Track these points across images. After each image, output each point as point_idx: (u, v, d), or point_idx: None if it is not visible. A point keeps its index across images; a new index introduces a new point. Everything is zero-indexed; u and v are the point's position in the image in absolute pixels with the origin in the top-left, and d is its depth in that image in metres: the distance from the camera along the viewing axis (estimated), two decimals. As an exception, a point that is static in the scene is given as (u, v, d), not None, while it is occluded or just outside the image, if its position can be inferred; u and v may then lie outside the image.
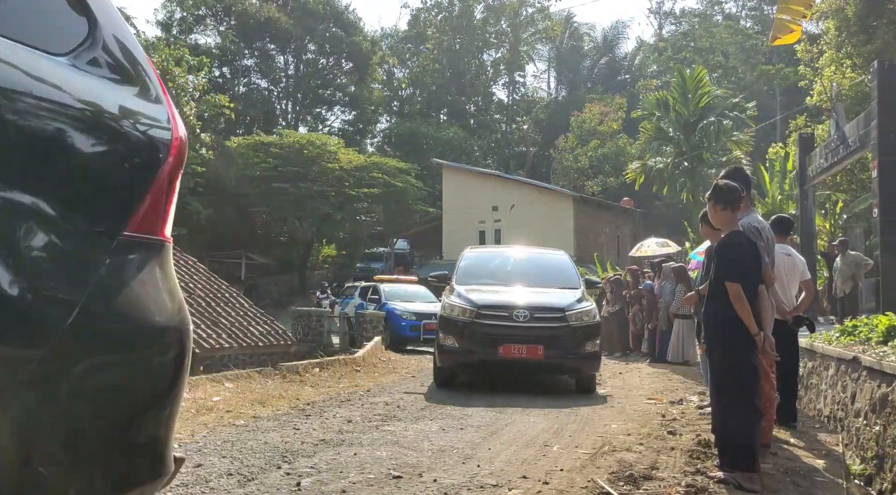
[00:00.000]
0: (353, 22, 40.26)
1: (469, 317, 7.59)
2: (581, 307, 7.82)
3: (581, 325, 7.60)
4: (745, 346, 3.94)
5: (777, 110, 31.71)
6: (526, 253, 10.04)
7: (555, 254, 9.81)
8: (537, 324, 7.45)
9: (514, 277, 8.65)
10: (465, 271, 8.76)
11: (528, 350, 7.37)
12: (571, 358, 7.55)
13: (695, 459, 4.30)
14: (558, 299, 7.92)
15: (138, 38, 27.22)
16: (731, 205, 4.11)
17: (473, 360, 7.62)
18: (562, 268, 9.04)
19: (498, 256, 9.97)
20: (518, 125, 46.43)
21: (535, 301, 7.82)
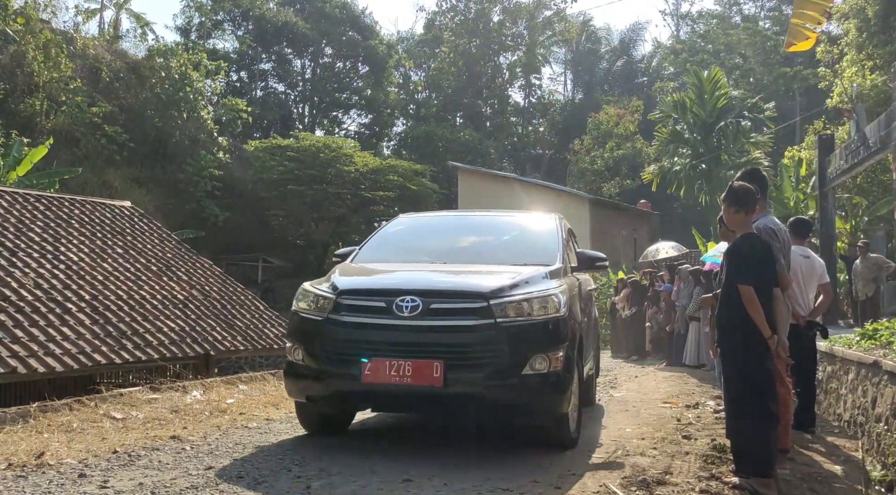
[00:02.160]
0: (370, 26, 40.39)
1: (323, 311, 4.45)
2: (526, 292, 4.44)
3: (521, 325, 4.28)
4: (759, 350, 3.88)
5: (797, 112, 31.36)
6: (488, 219, 6.61)
7: (533, 220, 6.41)
8: (435, 321, 4.25)
9: (453, 252, 5.54)
10: (377, 243, 5.71)
11: (416, 370, 4.11)
12: (500, 385, 4.14)
13: (710, 464, 4.24)
14: (484, 280, 4.59)
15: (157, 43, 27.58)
16: (745, 208, 4.06)
17: (324, 391, 4.42)
18: (537, 240, 5.73)
19: (441, 223, 6.45)
20: (534, 127, 46.32)
21: (441, 282, 4.72)
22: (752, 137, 23.86)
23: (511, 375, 4.17)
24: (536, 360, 4.21)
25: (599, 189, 32.12)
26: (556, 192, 27.36)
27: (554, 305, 4.40)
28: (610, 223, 26.92)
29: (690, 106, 23.13)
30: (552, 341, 4.32)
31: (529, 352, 4.22)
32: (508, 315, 4.26)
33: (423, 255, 5.49)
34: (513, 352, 4.19)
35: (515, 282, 4.50)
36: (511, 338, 4.21)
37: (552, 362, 4.24)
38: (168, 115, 23.87)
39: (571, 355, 4.48)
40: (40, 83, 20.94)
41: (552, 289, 4.54)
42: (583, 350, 5.17)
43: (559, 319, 4.39)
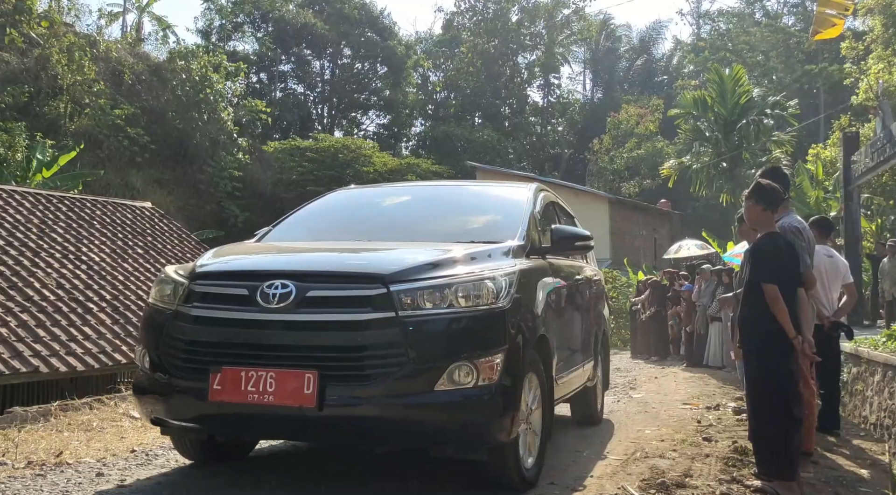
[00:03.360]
0: (388, 26, 40.47)
1: (172, 301, 3.44)
2: (448, 275, 3.33)
3: (436, 320, 3.21)
4: (782, 350, 3.80)
5: (821, 109, 30.89)
6: (446, 190, 5.54)
7: (500, 192, 5.21)
8: (312, 315, 3.19)
9: (388, 228, 4.41)
10: (300, 218, 4.67)
11: (280, 384, 3.08)
12: (401, 405, 3.09)
13: (731, 467, 4.16)
14: (390, 258, 3.54)
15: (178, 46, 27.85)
16: (772, 206, 3.99)
17: (166, 412, 3.36)
18: (496, 213, 4.54)
19: (388, 195, 5.28)
20: (553, 127, 46.11)
21: (326, 262, 3.61)
22: (775, 136, 23.53)
23: (419, 391, 3.03)
24: (458, 370, 3.07)
25: (619, 189, 31.91)
26: (574, 192, 27.19)
27: (488, 293, 3.22)
28: (630, 223, 26.72)
29: (712, 104, 22.86)
30: (483, 343, 3.17)
31: (447, 358, 3.09)
32: (418, 306, 3.12)
33: (347, 232, 4.30)
34: (422, 359, 3.05)
35: (436, 262, 3.35)
36: (420, 338, 3.09)
37: (482, 372, 3.10)
38: (189, 117, 24.10)
39: (519, 362, 3.30)
40: (64, 86, 21.25)
41: (490, 271, 3.34)
42: (551, 355, 3.84)
43: (496, 312, 3.22)
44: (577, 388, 4.90)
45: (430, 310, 3.16)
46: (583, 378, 4.98)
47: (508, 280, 3.39)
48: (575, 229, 4.59)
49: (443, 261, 3.41)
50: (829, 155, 19.16)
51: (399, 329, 3.09)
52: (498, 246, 3.77)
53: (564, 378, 4.32)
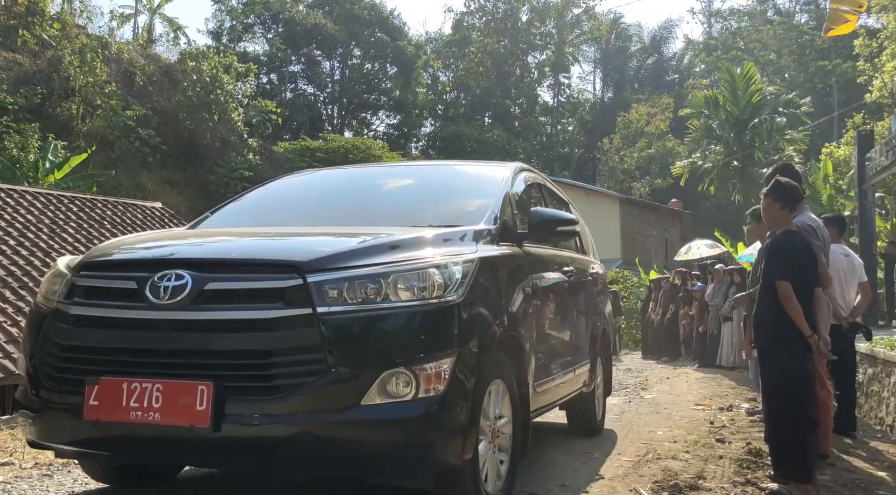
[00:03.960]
0: (398, 27, 40.48)
1: (53, 298, 2.89)
2: (385, 262, 2.73)
3: (365, 317, 2.63)
4: (797, 350, 3.73)
5: (834, 108, 30.61)
6: (416, 170, 4.99)
7: (476, 171, 4.47)
8: (210, 312, 2.62)
9: (338, 212, 3.83)
10: (247, 202, 4.17)
11: (168, 399, 2.52)
12: (320, 425, 2.53)
13: (745, 469, 4.09)
14: (312, 244, 2.97)
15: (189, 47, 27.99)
16: (791, 205, 3.94)
17: (39, 432, 2.81)
18: (465, 195, 3.89)
19: (350, 176, 4.72)
20: (563, 127, 45.97)
21: (232, 249, 3.08)
22: (788, 134, 23.32)
23: (342, 406, 2.49)
24: (393, 379, 2.53)
25: (630, 188, 31.75)
26: (585, 192, 27.09)
27: (435, 284, 2.66)
28: (641, 223, 26.57)
29: (723, 102, 22.69)
30: (427, 345, 2.61)
31: (380, 364, 2.54)
32: (343, 300, 2.56)
33: (293, 217, 3.75)
34: (347, 366, 2.51)
35: (371, 247, 2.78)
36: (345, 340, 2.54)
37: (424, 381, 2.55)
38: (199, 118, 24.18)
39: (476, 368, 2.74)
40: (76, 87, 21.37)
41: (440, 257, 2.79)
42: (526, 359, 3.29)
43: (445, 308, 2.66)
44: (568, 395, 4.35)
45: (357, 306, 2.57)
46: (575, 383, 4.41)
47: (464, 268, 2.79)
48: (556, 212, 3.84)
49: (379, 245, 2.81)
50: (843, 153, 18.97)
51: (317, 329, 2.51)
52: (458, 229, 3.14)
53: (547, 384, 3.73)
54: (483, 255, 3.01)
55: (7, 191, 10.65)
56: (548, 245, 4.00)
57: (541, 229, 3.60)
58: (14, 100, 19.22)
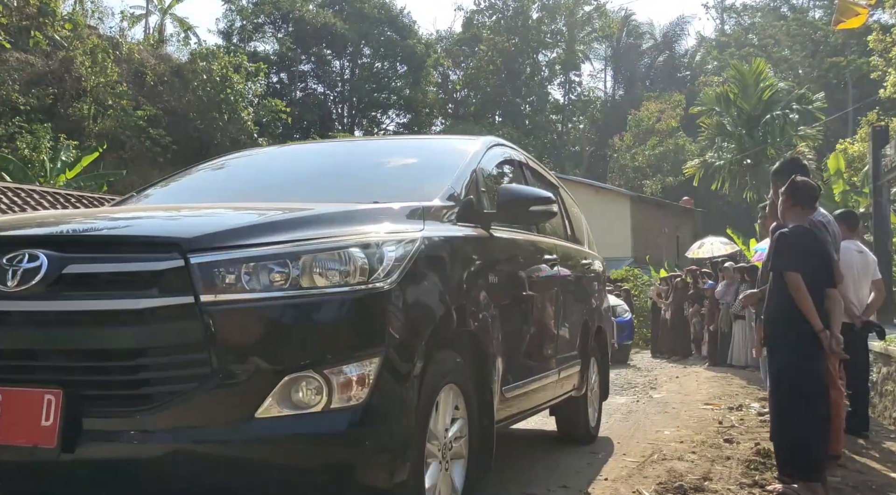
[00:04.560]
0: (408, 25, 40.48)
1: None
2: (294, 238, 2.19)
3: (263, 308, 2.09)
4: (808, 347, 3.64)
5: (848, 103, 30.26)
6: (377, 145, 4.80)
7: (442, 146, 4.10)
8: (69, 301, 2.06)
9: (282, 188, 3.35)
10: (193, 178, 3.69)
11: (6, 408, 2.00)
12: (202, 444, 2.02)
13: (752, 470, 4.00)
14: (200, 218, 2.55)
15: (199, 47, 28.11)
16: (808, 205, 3.88)
17: None
18: (425, 170, 3.43)
19: (306, 152, 4.29)
20: (574, 125, 45.79)
21: (103, 226, 2.55)
22: (801, 130, 23.06)
23: (232, 420, 2.03)
24: (297, 385, 2.06)
25: (641, 186, 31.56)
26: (595, 190, 26.98)
27: (357, 267, 2.16)
28: (652, 221, 26.40)
29: (734, 99, 22.46)
30: (345, 343, 2.14)
31: (281, 367, 2.06)
32: (236, 287, 2.05)
33: (222, 194, 3.33)
34: (238, 369, 2.03)
35: (279, 222, 2.30)
36: (236, 337, 2.06)
37: (340, 388, 2.07)
38: (210, 117, 24.28)
39: (414, 371, 2.26)
40: (88, 88, 21.52)
41: (371, 236, 2.29)
42: (490, 360, 2.82)
43: (370, 296, 2.17)
44: (552, 400, 3.97)
45: (255, 294, 2.06)
46: (561, 387, 3.99)
47: (400, 250, 2.30)
48: (528, 189, 3.33)
49: (290, 220, 2.31)
50: (857, 149, 18.73)
51: (201, 323, 2.00)
52: (401, 204, 2.62)
53: (521, 389, 3.27)
54: (430, 236, 2.51)
55: (15, 189, 10.71)
56: (524, 229, 3.55)
57: (510, 209, 3.08)
58: (26, 100, 19.37)
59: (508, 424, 3.30)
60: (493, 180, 3.40)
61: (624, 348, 11.96)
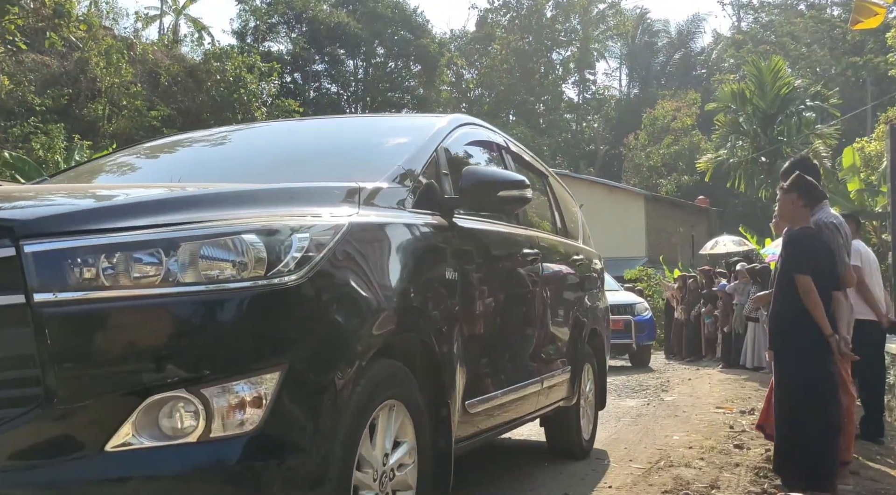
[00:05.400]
0: (422, 24, 40.43)
1: None
2: (170, 220, 1.77)
3: (116, 309, 1.65)
4: (817, 349, 3.57)
5: (867, 102, 29.84)
6: (331, 123, 4.16)
7: (403, 122, 4.01)
8: None
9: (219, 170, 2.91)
10: (124, 157, 3.38)
11: None
12: (34, 482, 1.60)
13: (761, 478, 3.91)
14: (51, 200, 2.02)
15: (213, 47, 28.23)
16: (813, 202, 3.82)
17: None
18: (377, 149, 2.93)
19: (257, 134, 3.77)
20: (588, 123, 45.55)
21: None
22: (817, 128, 22.74)
23: (73, 454, 1.61)
24: (164, 409, 1.67)
25: (656, 185, 31.32)
26: (610, 189, 26.82)
27: (253, 258, 1.75)
28: (666, 220, 26.18)
29: (750, 96, 22.19)
30: (232, 353, 1.72)
31: (140, 384, 1.65)
32: (87, 282, 1.64)
33: (147, 175, 2.97)
34: (83, 387, 1.62)
35: (150, 203, 1.89)
36: (81, 347, 1.64)
37: (225, 412, 1.67)
38: (223, 117, 24.31)
39: (329, 388, 1.83)
40: (103, 88, 21.66)
41: (269, 219, 1.86)
42: (449, 370, 2.46)
43: (265, 294, 1.75)
44: (536, 412, 3.61)
45: (110, 292, 1.64)
46: (546, 397, 3.60)
47: (316, 238, 1.88)
48: (496, 171, 2.96)
49: (172, 201, 1.92)
50: (875, 148, 18.43)
51: (33, 328, 1.60)
52: (333, 185, 2.21)
53: (491, 402, 2.87)
54: (362, 222, 2.10)
55: (28, 190, 10.77)
56: (500, 219, 3.14)
57: (475, 194, 2.65)
58: (41, 101, 19.52)
59: (476, 443, 2.90)
60: (461, 163, 2.96)
61: (644, 349, 11.62)
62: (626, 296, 11.95)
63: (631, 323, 10.86)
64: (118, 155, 3.39)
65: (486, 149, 3.46)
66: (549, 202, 4.29)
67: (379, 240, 2.19)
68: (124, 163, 3.20)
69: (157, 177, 2.79)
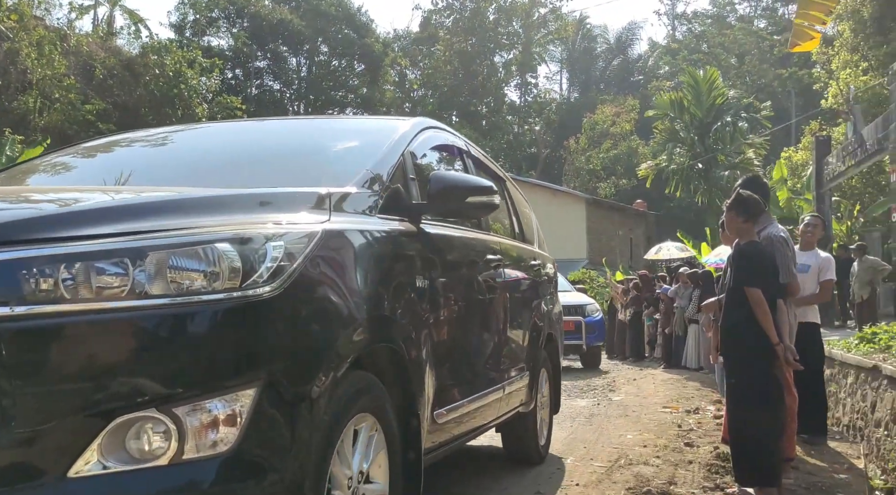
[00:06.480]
0: (366, 24, 40.33)
1: None
2: (140, 227, 1.69)
3: (81, 323, 1.55)
4: (764, 356, 3.85)
5: (793, 113, 31.46)
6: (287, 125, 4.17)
7: (366, 124, 4.02)
8: None
9: (167, 173, 2.72)
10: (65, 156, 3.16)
11: None
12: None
13: (714, 474, 4.20)
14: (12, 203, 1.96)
15: (151, 40, 27.46)
16: (751, 217, 4.04)
17: None
18: (341, 151, 2.96)
19: (216, 133, 3.71)
20: (530, 126, 46.32)
21: None
22: (749, 138, 23.90)
23: (33, 481, 1.52)
24: (133, 430, 1.58)
25: (595, 189, 32.16)
26: (552, 192, 27.40)
27: (225, 268, 1.66)
28: (606, 223, 26.95)
29: (688, 105, 23.15)
30: (204, 369, 1.63)
31: (107, 404, 1.55)
32: (45, 294, 1.55)
33: (112, 178, 2.64)
34: (41, 408, 1.52)
35: (113, 209, 1.83)
36: (38, 364, 1.54)
37: (198, 432, 1.60)
38: (163, 113, 23.73)
39: (304, 404, 1.77)
40: (34, 80, 20.81)
41: (242, 227, 1.78)
42: (417, 379, 2.41)
43: (239, 307, 1.67)
44: (496, 420, 3.58)
45: (65, 306, 1.55)
46: (506, 403, 3.59)
47: (289, 245, 1.80)
48: (465, 177, 2.88)
49: (138, 207, 1.84)
50: (801, 157, 19.52)
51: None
52: (304, 190, 2.14)
53: (458, 411, 2.85)
54: (336, 229, 2.05)
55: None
56: (463, 224, 3.14)
57: (444, 200, 2.61)
58: (-32, 93, 18.67)
59: (443, 453, 2.86)
60: (426, 168, 2.96)
61: (594, 350, 11.54)
62: (577, 298, 11.95)
63: (581, 324, 10.95)
64: (58, 154, 3.15)
65: (449, 154, 3.44)
66: (508, 207, 4.28)
67: (351, 248, 2.11)
68: (67, 164, 2.99)
69: (106, 180, 2.62)
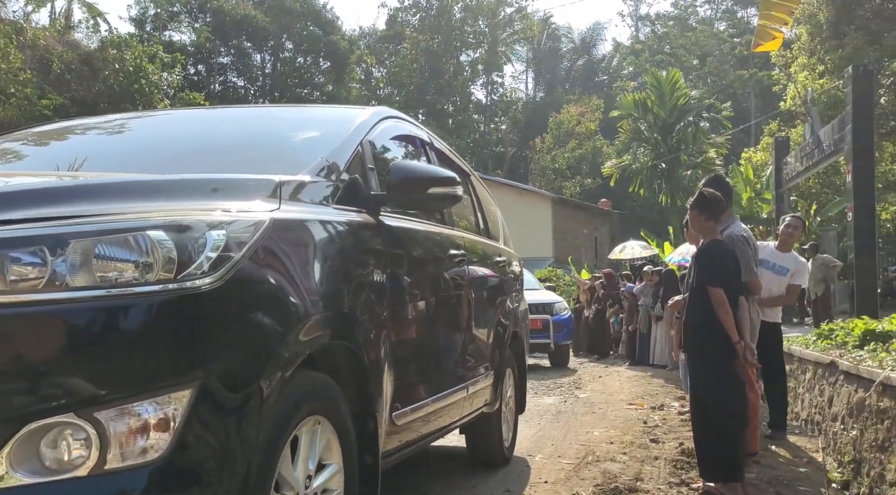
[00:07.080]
0: (331, 21, 40.02)
1: None
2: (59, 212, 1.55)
3: None
4: (726, 354, 3.92)
5: (752, 114, 32.16)
6: (240, 113, 4.09)
7: (323, 113, 3.82)
8: None
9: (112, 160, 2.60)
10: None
11: None
12: None
13: (679, 469, 4.27)
14: None
15: (110, 34, 26.87)
16: (714, 216, 4.11)
17: None
18: (296, 140, 2.85)
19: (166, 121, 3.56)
20: (496, 125, 46.52)
21: None
22: (710, 138, 24.38)
23: None
24: (50, 438, 1.42)
25: (561, 188, 32.46)
26: (518, 191, 27.55)
27: (160, 257, 1.52)
28: (572, 222, 27.21)
29: (651, 106, 23.52)
30: (136, 371, 1.48)
31: (19, 410, 1.40)
32: None
33: (55, 164, 2.53)
34: None
35: (34, 191, 1.71)
36: None
37: (122, 439, 1.44)
38: (123, 109, 23.17)
39: (246, 406, 1.62)
40: (-13, 74, 20.19)
41: (181, 214, 1.65)
42: (375, 380, 2.29)
43: (174, 300, 1.53)
44: (460, 421, 3.47)
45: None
46: (470, 404, 3.50)
47: (232, 234, 1.67)
48: (427, 167, 2.84)
49: (62, 191, 1.74)
50: (760, 158, 19.96)
51: None
52: (252, 177, 2.03)
53: (418, 412, 2.74)
54: (285, 218, 1.91)
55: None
56: (425, 217, 3.02)
57: (405, 191, 2.51)
58: (-82, 86, 18.02)
59: (402, 456, 2.73)
60: (386, 158, 2.86)
61: (562, 348, 11.36)
62: (545, 296, 11.87)
63: (549, 322, 10.88)
64: (3, 140, 2.98)
65: (410, 145, 3.34)
66: (472, 202, 4.19)
67: (303, 239, 2.00)
68: (8, 150, 2.80)
69: (48, 166, 2.47)
